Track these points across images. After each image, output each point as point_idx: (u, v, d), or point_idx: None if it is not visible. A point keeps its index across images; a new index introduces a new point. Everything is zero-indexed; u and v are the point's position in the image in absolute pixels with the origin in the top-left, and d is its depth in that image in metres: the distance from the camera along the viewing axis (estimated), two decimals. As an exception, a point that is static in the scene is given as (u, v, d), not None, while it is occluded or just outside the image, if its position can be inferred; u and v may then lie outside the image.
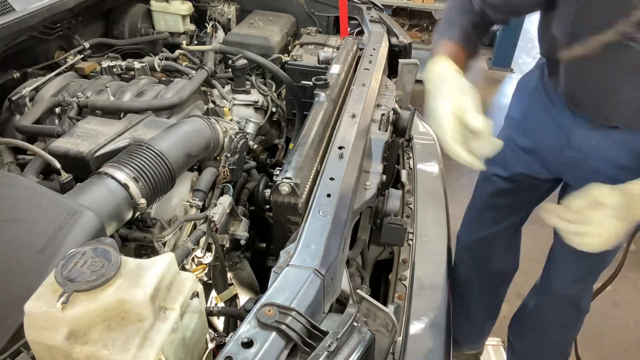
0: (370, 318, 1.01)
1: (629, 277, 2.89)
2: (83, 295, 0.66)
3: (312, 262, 0.87)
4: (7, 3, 1.57)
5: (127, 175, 1.08)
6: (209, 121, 1.38)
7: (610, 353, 2.50)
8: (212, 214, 1.23)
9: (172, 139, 1.25)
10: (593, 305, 1.72)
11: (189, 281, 0.76)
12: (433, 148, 2.05)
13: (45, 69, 1.76)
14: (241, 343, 0.70)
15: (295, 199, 1.12)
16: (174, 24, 2.20)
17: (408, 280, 1.37)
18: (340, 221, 0.99)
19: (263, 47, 2.03)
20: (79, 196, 1.01)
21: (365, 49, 1.78)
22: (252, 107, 1.86)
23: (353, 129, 1.28)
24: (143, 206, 1.10)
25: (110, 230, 1.04)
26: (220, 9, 2.34)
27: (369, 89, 1.49)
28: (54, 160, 1.11)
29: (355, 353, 0.76)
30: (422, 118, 2.27)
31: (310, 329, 0.76)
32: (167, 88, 1.61)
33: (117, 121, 1.38)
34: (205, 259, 1.29)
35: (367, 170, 1.26)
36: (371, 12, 2.16)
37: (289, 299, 0.79)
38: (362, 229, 1.42)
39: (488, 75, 5.25)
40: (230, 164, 1.39)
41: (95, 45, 1.94)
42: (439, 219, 1.65)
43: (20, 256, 0.86)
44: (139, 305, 0.67)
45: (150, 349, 0.66)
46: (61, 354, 0.66)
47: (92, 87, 1.59)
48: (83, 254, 0.70)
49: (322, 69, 1.79)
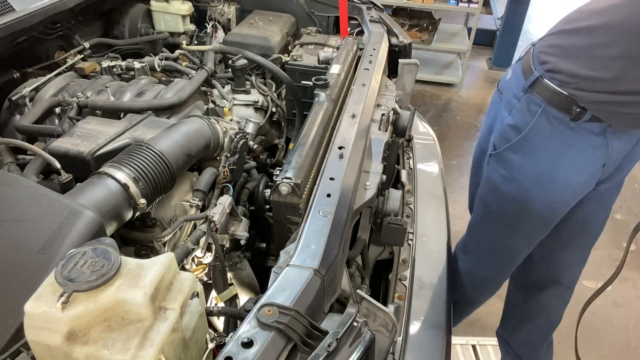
0: (370, 318, 1.01)
1: (629, 277, 2.89)
2: (83, 295, 0.66)
3: (312, 262, 0.87)
4: (7, 3, 1.57)
5: (127, 175, 1.08)
6: (209, 121, 1.38)
7: (610, 353, 2.50)
8: (212, 214, 1.23)
9: (172, 139, 1.25)
10: (593, 305, 1.72)
11: (189, 281, 0.76)
12: (433, 148, 2.06)
13: (45, 69, 1.76)
14: (241, 343, 0.70)
15: (295, 199, 1.12)
16: (174, 24, 2.20)
17: (408, 280, 1.37)
18: (340, 221, 0.98)
19: (263, 47, 2.03)
20: (79, 196, 1.01)
21: (365, 49, 1.78)
22: (252, 107, 1.86)
23: (353, 129, 1.28)
24: (143, 206, 1.10)
25: (110, 230, 1.04)
26: (220, 9, 2.34)
27: (369, 89, 1.49)
28: (54, 160, 1.11)
29: (355, 353, 0.76)
30: (422, 118, 2.27)
31: (310, 329, 0.76)
32: (167, 88, 1.61)
33: (117, 121, 1.38)
34: (205, 259, 1.28)
35: (367, 170, 1.26)
36: (371, 12, 2.16)
37: (289, 299, 0.79)
38: (362, 229, 1.42)
39: (488, 75, 5.25)
40: (230, 164, 1.39)
41: (95, 45, 1.94)
42: (439, 219, 1.65)
43: (20, 256, 0.86)
44: (139, 305, 0.67)
45: (150, 349, 0.66)
46: (61, 354, 0.66)
47: (92, 87, 1.59)
48: (83, 254, 0.70)
49: (322, 69, 1.79)
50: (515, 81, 1.50)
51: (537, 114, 1.41)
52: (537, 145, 1.45)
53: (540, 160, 1.46)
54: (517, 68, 1.52)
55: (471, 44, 4.75)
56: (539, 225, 1.62)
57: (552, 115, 1.39)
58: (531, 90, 1.42)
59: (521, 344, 2.06)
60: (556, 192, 1.49)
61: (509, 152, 1.52)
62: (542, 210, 1.54)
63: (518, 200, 1.55)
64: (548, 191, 1.50)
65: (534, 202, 1.52)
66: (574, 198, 1.52)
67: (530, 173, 1.49)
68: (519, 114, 1.47)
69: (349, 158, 1.16)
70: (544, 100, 1.39)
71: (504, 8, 5.15)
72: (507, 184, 1.56)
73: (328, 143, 1.29)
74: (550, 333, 1.99)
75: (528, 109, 1.44)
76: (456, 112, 4.58)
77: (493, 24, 5.78)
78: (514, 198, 1.56)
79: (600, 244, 2.20)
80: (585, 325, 1.87)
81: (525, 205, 1.55)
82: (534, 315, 1.96)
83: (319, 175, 1.12)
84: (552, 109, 1.38)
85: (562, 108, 1.36)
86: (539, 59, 1.42)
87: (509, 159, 1.53)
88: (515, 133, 1.48)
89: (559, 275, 1.83)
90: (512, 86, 1.51)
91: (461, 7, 4.57)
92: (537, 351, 2.03)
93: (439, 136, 2.23)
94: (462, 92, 4.92)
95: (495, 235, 1.74)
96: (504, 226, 1.68)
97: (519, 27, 5.04)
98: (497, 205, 1.66)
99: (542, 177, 1.48)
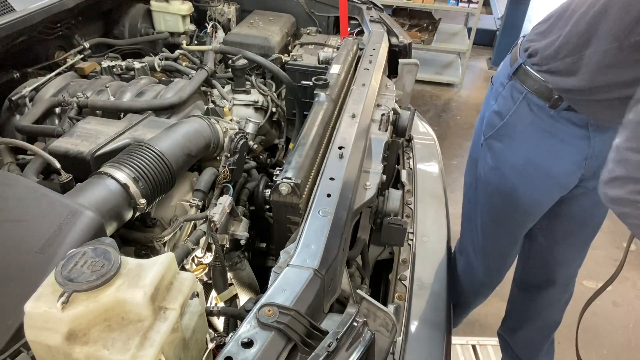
0: (370, 318, 1.01)
1: (629, 277, 2.89)
2: (83, 295, 0.66)
3: (312, 262, 0.87)
4: (7, 3, 1.57)
5: (127, 175, 1.08)
6: (209, 121, 1.38)
7: (610, 353, 2.50)
8: (212, 214, 1.23)
9: (172, 139, 1.25)
10: (593, 306, 1.72)
11: (189, 281, 0.76)
12: (433, 148, 2.06)
13: (45, 69, 1.76)
14: (241, 343, 0.70)
15: (296, 199, 1.12)
16: (174, 24, 2.20)
17: (408, 280, 1.37)
18: (340, 221, 0.98)
19: (263, 47, 2.04)
20: (79, 196, 1.01)
21: (365, 49, 1.78)
22: (252, 107, 1.86)
23: (353, 129, 1.28)
24: (143, 206, 1.10)
25: (110, 230, 1.04)
26: (220, 9, 2.34)
27: (369, 89, 1.49)
28: (54, 160, 1.11)
29: (355, 353, 0.76)
30: (422, 118, 2.27)
31: (310, 329, 0.76)
32: (167, 88, 1.61)
33: (117, 121, 1.38)
34: (205, 259, 1.28)
35: (367, 170, 1.26)
36: (371, 12, 2.16)
37: (289, 299, 0.79)
38: (362, 229, 1.42)
39: (488, 75, 5.25)
40: (230, 164, 1.39)
41: (95, 45, 1.94)
42: (439, 219, 1.65)
43: (20, 256, 0.86)
44: (139, 305, 0.67)
45: (150, 348, 0.66)
46: (61, 354, 0.66)
47: (92, 87, 1.59)
48: (83, 254, 0.70)
49: (322, 69, 1.79)
50: (503, 70, 1.54)
51: (519, 100, 1.44)
52: (518, 133, 1.47)
53: (522, 148, 1.48)
54: (507, 59, 1.55)
55: (471, 44, 4.75)
56: (523, 218, 1.64)
57: (533, 103, 1.41)
58: (515, 78, 1.45)
59: (521, 344, 2.06)
60: (538, 182, 1.51)
61: (493, 140, 1.55)
62: (526, 202, 1.56)
63: (503, 192, 1.57)
64: (530, 181, 1.52)
65: (518, 193, 1.54)
66: (557, 190, 1.53)
67: (513, 162, 1.51)
68: (503, 100, 1.50)
69: (349, 158, 1.16)
70: (526, 87, 1.42)
71: (504, 8, 5.15)
72: (492, 173, 1.59)
73: (328, 143, 1.29)
74: (550, 334, 1.99)
75: (511, 95, 1.47)
76: (456, 112, 4.58)
77: (493, 24, 5.79)
78: (498, 188, 1.59)
79: (600, 244, 2.21)
80: (585, 325, 1.87)
81: (509, 197, 1.56)
82: (534, 316, 1.96)
83: (319, 175, 1.12)
84: (533, 97, 1.40)
85: (543, 96, 1.38)
86: (523, 47, 1.45)
87: (494, 147, 1.55)
88: (499, 119, 1.51)
89: (553, 274, 1.83)
90: (500, 75, 1.55)
91: (461, 7, 4.58)
92: (537, 352, 2.03)
93: (439, 136, 2.23)
94: (462, 92, 4.92)
95: (483, 232, 1.76)
96: (491, 220, 1.70)
97: (519, 27, 5.05)
98: (483, 198, 1.68)
99: (524, 165, 1.50)
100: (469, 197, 1.80)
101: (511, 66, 1.47)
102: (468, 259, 1.90)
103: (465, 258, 1.91)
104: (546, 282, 1.86)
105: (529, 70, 1.40)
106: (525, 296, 1.96)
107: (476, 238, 1.81)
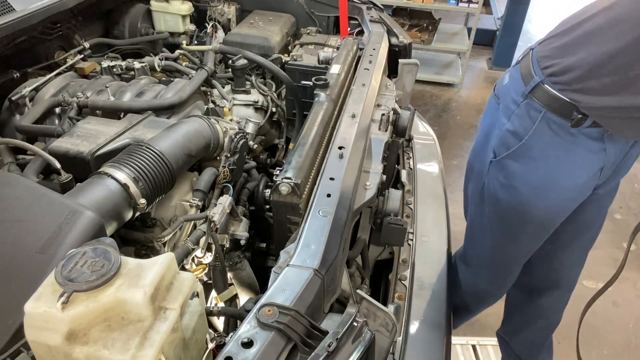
0: (370, 318, 1.01)
1: (629, 277, 2.89)
2: (83, 295, 0.66)
3: (312, 262, 0.87)
4: (7, 3, 1.57)
5: (127, 175, 1.08)
6: (209, 121, 1.38)
7: (610, 353, 2.50)
8: (212, 214, 1.23)
9: (172, 139, 1.25)
10: (593, 305, 1.72)
11: (189, 281, 0.76)
12: (433, 148, 2.06)
13: (45, 69, 1.76)
14: (241, 343, 0.70)
15: (295, 199, 1.12)
16: (174, 24, 2.20)
17: (408, 280, 1.37)
18: (340, 221, 0.98)
19: (263, 47, 2.04)
20: (79, 196, 1.01)
21: (365, 49, 1.78)
22: (252, 107, 1.86)
23: (353, 129, 1.28)
24: (143, 206, 1.10)
25: (110, 230, 1.04)
26: (220, 9, 2.34)
27: (369, 89, 1.49)
28: (54, 160, 1.12)
29: (355, 353, 0.76)
30: (422, 118, 2.27)
31: (310, 329, 0.76)
32: (167, 88, 1.61)
33: (117, 121, 1.38)
34: (205, 259, 1.28)
35: (367, 170, 1.26)
36: (371, 12, 2.16)
37: (289, 299, 0.79)
38: (362, 229, 1.42)
39: (488, 75, 5.25)
40: (230, 164, 1.39)
41: (95, 45, 1.94)
42: (439, 219, 1.65)
43: (20, 256, 0.86)
44: (139, 305, 0.67)
45: (150, 348, 0.66)
46: (61, 354, 0.66)
47: (92, 87, 1.59)
48: (83, 254, 0.70)
49: (322, 69, 1.79)
50: (514, 86, 1.48)
51: (538, 120, 1.39)
52: (537, 153, 1.43)
53: (541, 168, 1.44)
54: (515, 73, 1.49)
55: (471, 44, 4.75)
56: (537, 233, 1.61)
57: (552, 121, 1.37)
58: (531, 96, 1.40)
59: (521, 344, 2.06)
60: (556, 199, 1.48)
61: (509, 160, 1.50)
62: (542, 217, 1.53)
63: (517, 209, 1.54)
64: (548, 198, 1.48)
65: (534, 209, 1.51)
66: (573, 204, 1.51)
67: (531, 181, 1.48)
68: (518, 119, 1.45)
69: (349, 158, 1.16)
70: (544, 106, 1.37)
71: (504, 8, 5.15)
72: (506, 192, 1.54)
73: (328, 143, 1.29)
74: (550, 334, 1.99)
75: (528, 115, 1.42)
76: (456, 112, 4.58)
77: (493, 24, 5.78)
78: (513, 206, 1.54)
79: (600, 244, 2.21)
80: (585, 325, 1.87)
81: (525, 214, 1.53)
82: (534, 317, 1.96)
83: (319, 175, 1.12)
84: (552, 115, 1.36)
85: (563, 114, 1.34)
86: (539, 64, 1.39)
87: (509, 167, 1.51)
88: (516, 139, 1.47)
89: (558, 278, 1.83)
90: (511, 91, 1.49)
91: (461, 7, 4.58)
92: (537, 352, 2.03)
93: (439, 136, 2.23)
94: (462, 92, 4.92)
95: (494, 245, 1.72)
96: (503, 236, 1.66)
97: (519, 27, 5.05)
98: (495, 214, 1.63)
99: (543, 184, 1.46)
100: (474, 212, 1.76)
101: (525, 84, 1.41)
102: (474, 269, 1.87)
103: (470, 268, 1.89)
104: (551, 285, 1.86)
105: (548, 90, 1.35)
106: (527, 298, 1.95)
107: (485, 252, 1.77)
